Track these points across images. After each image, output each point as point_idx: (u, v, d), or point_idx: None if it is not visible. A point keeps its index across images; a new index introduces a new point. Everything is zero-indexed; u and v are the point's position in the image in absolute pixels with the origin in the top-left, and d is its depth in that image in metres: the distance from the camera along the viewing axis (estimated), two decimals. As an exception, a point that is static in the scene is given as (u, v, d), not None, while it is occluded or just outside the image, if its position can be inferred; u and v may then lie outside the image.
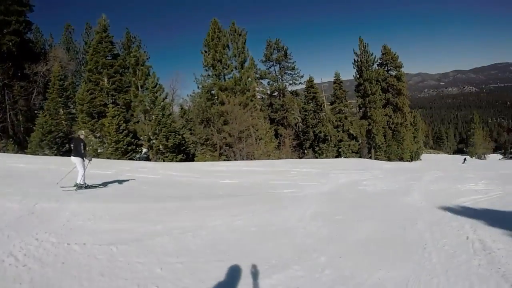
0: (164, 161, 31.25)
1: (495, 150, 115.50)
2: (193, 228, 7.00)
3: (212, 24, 36.16)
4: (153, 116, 32.24)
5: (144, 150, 36.09)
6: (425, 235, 6.94)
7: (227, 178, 16.71)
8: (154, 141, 32.63)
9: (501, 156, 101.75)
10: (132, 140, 31.70)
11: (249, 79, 38.52)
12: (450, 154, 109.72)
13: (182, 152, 34.40)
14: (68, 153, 11.86)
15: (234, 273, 5.08)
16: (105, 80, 33.34)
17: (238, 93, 36.19)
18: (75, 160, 10.31)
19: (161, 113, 32.17)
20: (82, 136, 11.14)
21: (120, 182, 12.48)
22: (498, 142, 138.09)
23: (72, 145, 10.60)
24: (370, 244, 6.50)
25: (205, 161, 32.32)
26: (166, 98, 34.98)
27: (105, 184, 11.69)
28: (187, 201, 10.08)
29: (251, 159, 32.85)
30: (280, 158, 36.30)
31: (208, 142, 35.44)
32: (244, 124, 34.48)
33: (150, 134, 32.35)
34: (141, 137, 32.78)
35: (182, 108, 41.96)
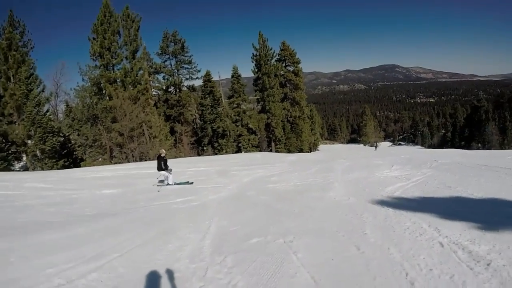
0: (43, 169, 27.24)
1: (385, 139, 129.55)
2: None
3: (103, 6, 31.88)
4: (27, 113, 27.84)
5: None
6: (392, 253, 4.83)
7: (109, 187, 13.44)
8: (29, 145, 28.32)
9: (391, 143, 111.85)
10: (3, 145, 27.15)
11: (141, 71, 35.22)
12: (344, 143, 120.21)
13: (66, 157, 30.41)
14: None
15: None
16: (-33, 69, 28.11)
17: (129, 86, 33.01)
18: (161, 172, 13.70)
19: (35, 109, 27.97)
20: (162, 155, 14.21)
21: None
22: (386, 131, 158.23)
23: (158, 161, 13.74)
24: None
25: (94, 165, 28.44)
26: (43, 91, 30.71)
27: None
28: (26, 235, 6.46)
29: (145, 160, 29.94)
30: (178, 157, 33.99)
31: (96, 144, 31.60)
32: (136, 121, 31.46)
33: (24, 136, 27.99)
34: (14, 141, 28.20)
35: (67, 105, 36.81)
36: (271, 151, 46.31)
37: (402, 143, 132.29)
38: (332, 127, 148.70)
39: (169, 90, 46.44)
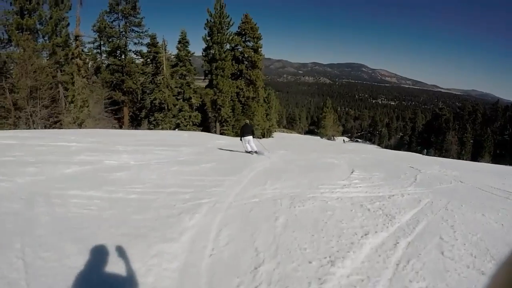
0: None
1: (342, 134, 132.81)
2: None
3: None
4: None
5: None
6: None
7: None
8: None
9: (348, 139, 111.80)
10: None
11: (65, 21, 29.31)
12: (301, 134, 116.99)
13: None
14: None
15: None
16: None
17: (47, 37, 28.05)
18: (248, 138, 14.12)
19: None
20: (249, 123, 15.55)
21: None
22: (345, 127, 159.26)
23: (245, 128, 14.37)
24: None
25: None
26: None
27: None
28: None
29: (51, 128, 24.72)
30: (100, 128, 27.67)
31: (-4, 104, 25.54)
32: (42, 79, 25.28)
33: None
34: None
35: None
36: (215, 132, 40.45)
37: (359, 140, 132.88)
38: (291, 116, 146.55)
39: (115, 54, 39.97)
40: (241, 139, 14.30)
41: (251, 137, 14.10)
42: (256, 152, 13.92)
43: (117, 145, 12.79)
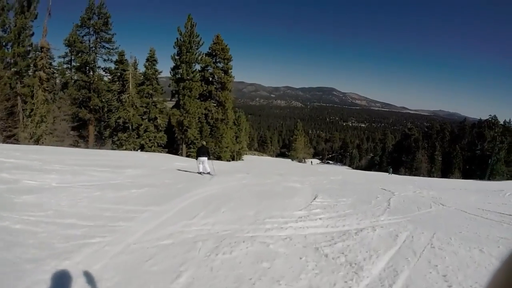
0: None
1: (313, 156, 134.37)
2: None
3: None
4: None
5: None
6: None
7: None
8: None
9: (318, 161, 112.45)
10: None
11: (29, 30, 28.40)
12: (273, 156, 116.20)
13: None
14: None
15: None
16: None
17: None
18: (203, 158, 14.62)
19: None
20: (206, 144, 17.34)
21: None
22: (316, 149, 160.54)
23: (201, 149, 14.98)
24: None
25: None
26: None
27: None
28: None
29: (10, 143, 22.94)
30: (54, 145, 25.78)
31: None
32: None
33: None
34: None
35: None
36: (181, 154, 38.77)
37: (330, 162, 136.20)
38: (263, 139, 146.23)
39: (83, 69, 38.40)
40: (197, 159, 14.87)
41: (206, 158, 14.72)
42: (208, 173, 14.41)
43: (56, 163, 11.14)
